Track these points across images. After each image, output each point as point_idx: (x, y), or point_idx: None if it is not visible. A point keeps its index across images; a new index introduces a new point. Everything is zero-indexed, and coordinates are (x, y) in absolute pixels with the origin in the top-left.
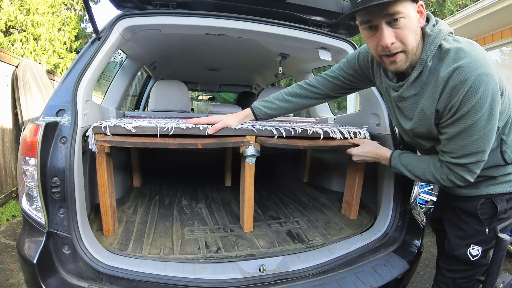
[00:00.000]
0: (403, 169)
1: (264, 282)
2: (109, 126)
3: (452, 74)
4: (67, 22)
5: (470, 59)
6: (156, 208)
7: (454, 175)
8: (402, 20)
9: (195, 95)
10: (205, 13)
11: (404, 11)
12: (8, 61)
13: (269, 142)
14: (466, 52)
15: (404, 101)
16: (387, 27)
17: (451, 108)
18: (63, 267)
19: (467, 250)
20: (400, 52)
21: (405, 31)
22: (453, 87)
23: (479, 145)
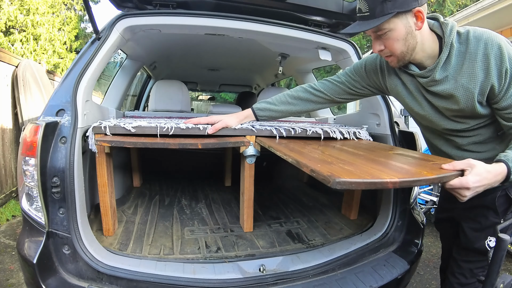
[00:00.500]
0: None
1: (264, 282)
2: (109, 126)
3: (486, 49)
4: (67, 22)
5: (487, 31)
6: (156, 208)
7: None
8: (387, 33)
9: (195, 95)
10: (205, 13)
11: (388, 27)
12: (8, 61)
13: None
14: (479, 29)
15: (438, 84)
16: (375, 39)
17: (506, 71)
18: (63, 267)
19: (485, 242)
20: (390, 56)
21: (390, 41)
22: (495, 57)
23: None
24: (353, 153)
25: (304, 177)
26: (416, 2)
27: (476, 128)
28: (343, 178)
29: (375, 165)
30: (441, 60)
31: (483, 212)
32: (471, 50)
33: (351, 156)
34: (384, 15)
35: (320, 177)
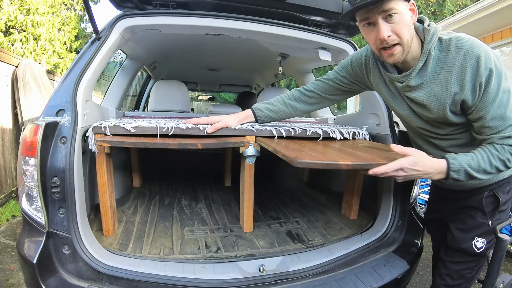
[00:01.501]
0: (471, 170)
1: (264, 282)
2: (108, 126)
3: (464, 59)
4: (67, 22)
5: (470, 42)
6: (156, 208)
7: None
8: (396, 16)
9: (195, 95)
10: (205, 13)
11: (397, 8)
12: (8, 61)
13: (303, 161)
14: (464, 38)
15: (412, 90)
16: (383, 22)
17: (480, 85)
18: (63, 267)
19: (472, 242)
20: (397, 45)
21: (400, 25)
22: (471, 68)
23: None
24: (334, 148)
25: (304, 177)
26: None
27: (455, 133)
28: (304, 159)
29: (341, 154)
30: (417, 67)
31: (471, 213)
32: (450, 59)
33: (327, 149)
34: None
35: (288, 160)
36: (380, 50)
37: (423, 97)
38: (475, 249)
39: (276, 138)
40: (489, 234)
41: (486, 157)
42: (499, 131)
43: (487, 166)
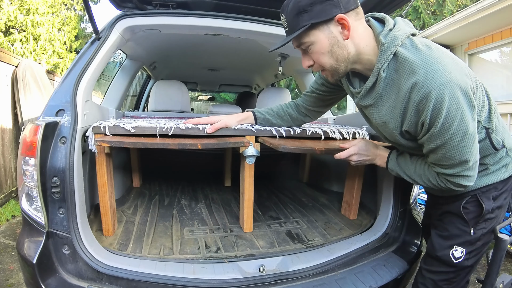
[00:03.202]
0: (401, 171)
1: (264, 282)
2: (108, 126)
3: (412, 89)
4: (67, 22)
5: (427, 70)
6: (156, 208)
7: (451, 183)
8: (311, 47)
9: (195, 95)
10: (205, 13)
11: (309, 40)
12: (8, 61)
13: (284, 147)
14: (423, 63)
15: (364, 109)
16: (303, 54)
17: (423, 124)
18: (63, 267)
19: (449, 251)
20: (323, 70)
21: (316, 55)
22: (417, 103)
23: (462, 155)
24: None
25: (304, 177)
26: (338, 8)
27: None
28: (287, 146)
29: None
30: (365, 87)
31: (451, 219)
32: (401, 83)
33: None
34: (301, 27)
35: (273, 146)
36: None
37: (376, 119)
38: (452, 259)
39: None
40: (470, 244)
41: (421, 172)
42: (443, 167)
43: (418, 179)
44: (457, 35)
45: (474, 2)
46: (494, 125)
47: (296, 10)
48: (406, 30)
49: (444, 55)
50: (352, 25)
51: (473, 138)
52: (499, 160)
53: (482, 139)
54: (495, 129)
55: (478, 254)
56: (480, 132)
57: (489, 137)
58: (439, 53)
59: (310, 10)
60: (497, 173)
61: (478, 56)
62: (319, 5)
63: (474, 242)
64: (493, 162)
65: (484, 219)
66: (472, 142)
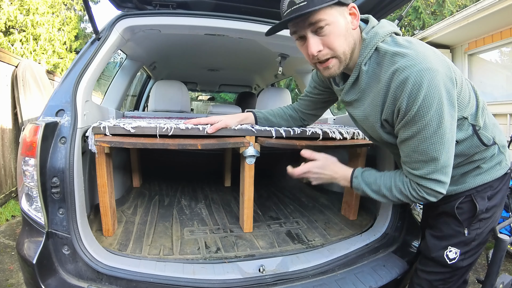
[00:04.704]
0: (367, 189)
1: (263, 283)
2: (108, 126)
3: (392, 77)
4: (67, 22)
5: (408, 58)
6: (156, 208)
7: (423, 188)
8: (327, 27)
9: (194, 95)
10: (205, 14)
11: (327, 18)
12: (8, 61)
13: (268, 142)
14: (403, 53)
15: (349, 106)
16: (312, 36)
17: (399, 110)
18: (63, 267)
19: (444, 252)
20: (332, 58)
21: (331, 37)
22: (395, 89)
23: (434, 150)
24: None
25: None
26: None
27: None
28: (271, 141)
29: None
30: (348, 82)
31: (446, 219)
32: (381, 75)
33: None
34: (326, 2)
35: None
36: (315, 64)
37: (359, 115)
38: (447, 260)
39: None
40: (465, 245)
41: (390, 184)
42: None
43: (387, 193)
44: (457, 35)
45: (474, 2)
46: (483, 122)
47: None
48: (389, 28)
49: (427, 48)
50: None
51: (448, 135)
52: (492, 158)
53: (469, 136)
54: (482, 126)
55: (474, 254)
56: (466, 129)
57: (477, 134)
58: (422, 46)
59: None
60: (491, 171)
61: (478, 56)
62: None
63: (469, 243)
64: (485, 160)
65: (479, 219)
66: (447, 139)
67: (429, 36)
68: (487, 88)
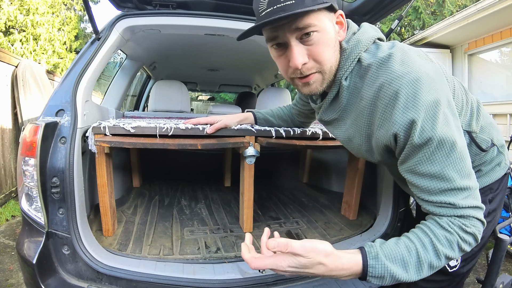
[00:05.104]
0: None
1: (263, 283)
2: (108, 126)
3: (378, 93)
4: (67, 22)
5: (393, 69)
6: (156, 208)
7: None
8: (315, 35)
9: (194, 95)
10: (204, 14)
11: (317, 24)
12: (8, 61)
13: (268, 142)
14: (387, 64)
15: (328, 125)
16: (297, 44)
17: (396, 136)
18: (63, 267)
19: None
20: (315, 73)
21: (320, 47)
22: (384, 107)
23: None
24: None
25: (304, 177)
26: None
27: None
28: (271, 141)
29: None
30: (326, 100)
31: None
32: (365, 90)
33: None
34: (319, 3)
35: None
36: (293, 79)
37: (341, 136)
38: (447, 268)
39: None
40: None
41: (428, 240)
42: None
43: (433, 257)
44: (457, 35)
45: (474, 2)
46: (479, 126)
47: None
48: (372, 34)
49: (414, 53)
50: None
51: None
52: (491, 160)
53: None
54: (478, 131)
55: (474, 259)
56: None
57: (474, 141)
58: (408, 51)
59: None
60: (491, 173)
61: (478, 56)
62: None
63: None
64: (485, 164)
65: None
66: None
67: (429, 36)
68: (487, 88)
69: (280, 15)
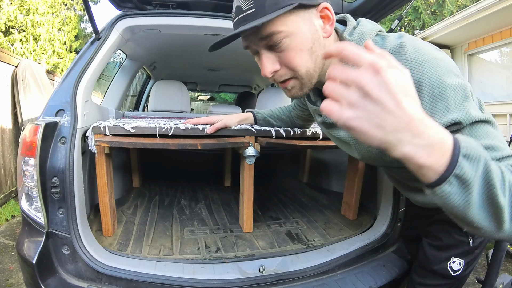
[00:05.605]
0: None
1: (263, 283)
2: (108, 126)
3: None
4: (67, 22)
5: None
6: (156, 208)
7: None
8: (285, 41)
9: (194, 95)
10: (204, 14)
11: (284, 29)
12: (7, 61)
13: (268, 142)
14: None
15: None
16: (266, 53)
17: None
18: (63, 267)
19: (447, 264)
20: (291, 79)
21: (291, 53)
22: None
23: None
24: None
25: (304, 177)
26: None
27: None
28: (271, 141)
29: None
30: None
31: (446, 228)
32: None
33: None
34: (281, 7)
35: (259, 142)
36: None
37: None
38: (451, 272)
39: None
40: (469, 254)
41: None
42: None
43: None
44: (457, 36)
45: (474, 2)
46: None
47: None
48: (374, 26)
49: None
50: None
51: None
52: None
53: None
54: None
55: (475, 261)
56: None
57: None
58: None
59: None
60: None
61: (478, 56)
62: None
63: (473, 251)
64: None
65: None
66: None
67: (429, 36)
68: (487, 88)
69: (240, 29)
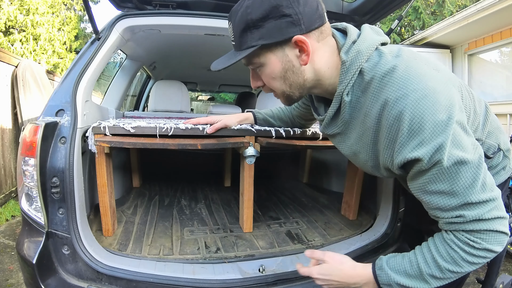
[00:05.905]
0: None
1: (263, 283)
2: (108, 126)
3: (382, 110)
4: (67, 22)
5: (399, 83)
6: (156, 208)
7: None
8: (261, 69)
9: (194, 96)
10: (204, 14)
11: (257, 61)
12: (7, 61)
13: (268, 142)
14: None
15: (332, 138)
16: (252, 71)
17: (402, 161)
18: (63, 267)
19: None
20: (274, 92)
21: (266, 78)
22: (389, 127)
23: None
24: None
25: (304, 177)
26: (297, 27)
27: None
28: (271, 141)
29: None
30: (327, 115)
31: None
32: (369, 105)
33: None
34: (249, 47)
35: (259, 142)
36: None
37: (346, 150)
38: None
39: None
40: None
41: (430, 256)
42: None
43: (433, 270)
44: (457, 36)
45: (474, 2)
46: (486, 132)
47: (244, 23)
48: (374, 39)
49: (421, 63)
50: (313, 48)
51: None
52: (497, 165)
53: None
54: (485, 138)
55: None
56: None
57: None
58: (414, 61)
59: (261, 27)
60: (495, 177)
61: (478, 56)
62: (273, 21)
63: None
64: (490, 169)
65: None
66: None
67: (429, 36)
68: (487, 88)
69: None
